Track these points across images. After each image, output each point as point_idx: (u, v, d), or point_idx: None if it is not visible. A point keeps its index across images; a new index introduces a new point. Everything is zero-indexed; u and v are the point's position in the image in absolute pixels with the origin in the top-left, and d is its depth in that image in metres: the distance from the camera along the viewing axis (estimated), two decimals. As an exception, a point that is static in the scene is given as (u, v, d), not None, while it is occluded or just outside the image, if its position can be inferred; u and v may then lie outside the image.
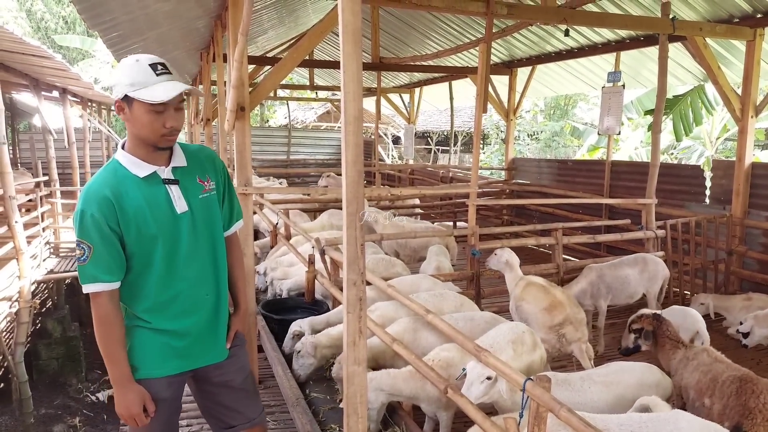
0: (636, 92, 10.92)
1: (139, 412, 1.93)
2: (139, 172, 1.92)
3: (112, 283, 1.89)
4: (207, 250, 2.04)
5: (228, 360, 2.13)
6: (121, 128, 21.82)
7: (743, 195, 5.91)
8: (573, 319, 3.74)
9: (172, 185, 1.96)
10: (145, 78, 1.82)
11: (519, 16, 4.98)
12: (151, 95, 1.80)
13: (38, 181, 9.82)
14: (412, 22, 9.52)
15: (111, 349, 1.91)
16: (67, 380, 9.16)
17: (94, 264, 1.86)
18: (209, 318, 2.07)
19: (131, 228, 1.89)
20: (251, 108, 3.77)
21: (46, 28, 24.60)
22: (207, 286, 2.05)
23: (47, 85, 9.79)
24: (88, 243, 1.85)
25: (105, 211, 1.85)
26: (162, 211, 1.93)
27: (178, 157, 2.00)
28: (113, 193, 1.87)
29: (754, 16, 5.62)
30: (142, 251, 1.92)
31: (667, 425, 2.26)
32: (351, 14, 1.74)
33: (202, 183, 2.04)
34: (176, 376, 2.03)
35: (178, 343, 2.00)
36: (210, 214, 2.06)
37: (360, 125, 1.82)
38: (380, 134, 18.49)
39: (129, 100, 1.84)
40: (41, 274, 8.65)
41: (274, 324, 4.47)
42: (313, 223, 6.92)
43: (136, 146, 1.93)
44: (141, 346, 1.97)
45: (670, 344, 3.31)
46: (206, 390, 2.15)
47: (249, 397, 2.19)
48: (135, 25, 6.13)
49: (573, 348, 3.71)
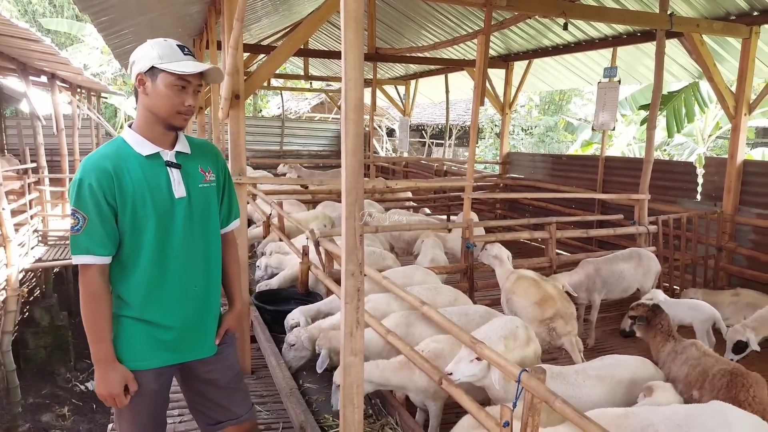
0: (630, 88, 10.95)
1: (120, 393, 1.89)
2: (143, 151, 1.92)
3: (103, 257, 1.86)
4: (200, 241, 2.02)
5: (215, 357, 2.10)
6: (110, 116, 21.55)
7: (734, 192, 5.96)
8: (563, 313, 3.77)
9: (173, 168, 1.95)
10: (173, 53, 1.87)
11: (518, 8, 4.95)
12: (180, 67, 1.86)
13: (26, 167, 9.67)
14: (409, 13, 9.46)
15: (96, 325, 1.87)
16: (56, 369, 9.09)
17: (88, 235, 1.83)
18: (197, 312, 2.03)
19: (127, 205, 1.86)
20: (246, 96, 3.72)
21: (33, 11, 24.15)
22: (196, 277, 2.02)
23: (35, 70, 9.60)
24: (83, 213, 1.82)
25: (104, 183, 1.83)
26: (161, 193, 1.91)
27: (182, 143, 2.01)
28: (114, 167, 1.85)
29: (750, 13, 5.64)
30: (135, 231, 1.89)
31: (713, 418, 2.25)
32: (353, 0, 1.71)
33: (203, 173, 2.03)
34: (163, 369, 2.00)
35: (165, 335, 1.97)
36: (207, 205, 2.04)
37: (361, 114, 1.79)
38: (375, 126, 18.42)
39: (154, 73, 1.87)
40: (29, 263, 8.54)
41: (267, 315, 4.45)
42: (307, 214, 6.88)
43: (146, 124, 1.94)
44: (128, 337, 1.94)
45: (661, 336, 3.37)
46: (192, 385, 2.13)
47: (236, 394, 2.16)
48: (126, 8, 6.02)
49: (563, 341, 3.74)
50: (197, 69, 1.87)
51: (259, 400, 3.56)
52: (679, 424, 2.24)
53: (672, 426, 2.23)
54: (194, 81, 1.91)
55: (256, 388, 3.75)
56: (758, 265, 5.67)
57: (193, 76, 1.89)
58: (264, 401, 3.58)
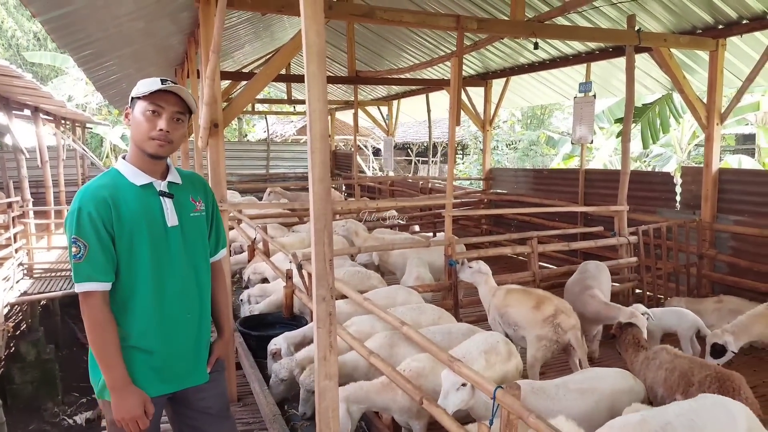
0: (607, 102, 11.18)
1: (141, 414, 1.91)
2: (137, 181, 1.98)
3: (105, 284, 1.89)
4: (192, 268, 2.06)
5: (208, 384, 2.13)
6: (96, 146, 21.52)
7: (711, 200, 6.08)
8: (563, 308, 3.87)
9: (166, 198, 2.01)
10: (151, 84, 1.94)
11: (489, 30, 5.09)
12: (146, 89, 1.93)
13: (10, 201, 9.61)
14: (387, 36, 9.64)
15: (106, 352, 1.89)
16: (43, 404, 8.90)
17: (89, 263, 1.86)
18: (190, 339, 2.06)
19: (124, 234, 1.91)
20: (225, 124, 3.79)
21: (17, 45, 24.23)
22: (190, 304, 2.05)
23: (18, 104, 9.63)
24: (84, 241, 1.85)
25: (102, 211, 1.88)
26: (155, 222, 1.97)
27: (173, 174, 2.08)
28: (111, 197, 1.91)
29: (716, 27, 5.82)
30: (131, 259, 1.93)
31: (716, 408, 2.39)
32: (315, 35, 1.77)
33: (194, 202, 2.10)
34: (157, 399, 2.01)
35: (159, 364, 1.99)
36: (198, 233, 2.10)
37: (326, 143, 1.85)
38: (360, 146, 18.55)
39: (133, 103, 1.98)
40: (14, 297, 8.44)
41: (252, 340, 4.43)
42: (291, 237, 6.90)
43: (135, 155, 2.00)
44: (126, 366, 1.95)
45: (632, 348, 3.45)
46: (184, 414, 2.14)
47: (225, 423, 2.19)
48: (109, 42, 6.12)
49: (569, 336, 3.76)
50: (153, 87, 1.91)
51: (245, 428, 3.55)
52: (692, 418, 2.33)
53: (685, 421, 2.32)
54: (168, 107, 1.94)
55: (243, 416, 3.74)
56: (739, 272, 5.76)
57: (167, 103, 1.94)
58: (250, 428, 3.57)
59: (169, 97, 1.95)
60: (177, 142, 2.00)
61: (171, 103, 1.95)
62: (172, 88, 1.94)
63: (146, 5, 5.10)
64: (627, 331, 3.50)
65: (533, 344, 3.84)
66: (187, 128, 2.08)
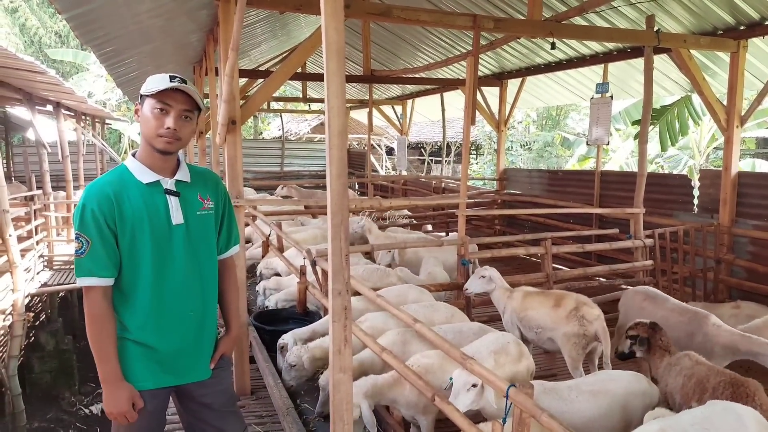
0: (624, 103, 11.06)
1: (129, 409, 1.96)
2: (144, 178, 2.00)
3: (106, 279, 1.94)
4: (196, 266, 2.08)
5: (211, 380, 2.16)
6: (114, 141, 21.85)
7: (730, 204, 5.99)
8: (584, 300, 3.86)
9: (172, 196, 2.03)
10: (159, 82, 1.96)
11: (506, 30, 5.07)
12: (155, 87, 1.95)
13: (32, 194, 9.80)
14: (403, 35, 9.65)
15: (102, 346, 1.94)
16: (61, 393, 9.09)
17: (91, 258, 1.91)
18: (193, 336, 2.09)
19: (126, 230, 1.95)
20: (242, 121, 3.83)
21: (39, 42, 24.69)
22: (193, 302, 2.08)
23: (41, 99, 9.82)
24: (86, 237, 1.91)
25: (105, 208, 1.92)
26: (158, 220, 2.00)
27: (183, 171, 2.09)
28: (115, 194, 1.95)
29: (737, 28, 5.74)
30: (133, 255, 1.97)
31: (727, 413, 2.38)
32: (335, 32, 1.80)
33: (202, 200, 2.11)
34: (158, 390, 2.06)
35: (161, 358, 2.03)
36: (204, 231, 2.11)
37: (344, 140, 1.87)
38: (374, 145, 18.58)
39: (142, 100, 1.99)
40: (35, 288, 8.62)
41: (266, 335, 4.49)
42: (304, 233, 6.95)
43: (144, 152, 2.03)
44: (125, 358, 2.00)
45: (660, 352, 3.38)
46: (189, 407, 2.19)
47: (230, 416, 2.22)
48: (129, 39, 6.22)
49: (596, 327, 3.70)
50: (162, 85, 1.93)
51: (258, 421, 3.59)
52: (706, 428, 2.32)
53: (700, 430, 2.31)
54: (176, 105, 1.96)
55: (256, 409, 3.78)
56: (757, 277, 5.68)
57: (175, 101, 1.96)
58: (263, 421, 3.61)
59: (177, 95, 1.96)
60: (185, 139, 2.03)
61: (179, 101, 1.97)
62: (181, 87, 1.96)
63: (165, 2, 5.17)
64: (660, 333, 3.43)
65: (564, 344, 3.77)
66: (196, 125, 2.09)
